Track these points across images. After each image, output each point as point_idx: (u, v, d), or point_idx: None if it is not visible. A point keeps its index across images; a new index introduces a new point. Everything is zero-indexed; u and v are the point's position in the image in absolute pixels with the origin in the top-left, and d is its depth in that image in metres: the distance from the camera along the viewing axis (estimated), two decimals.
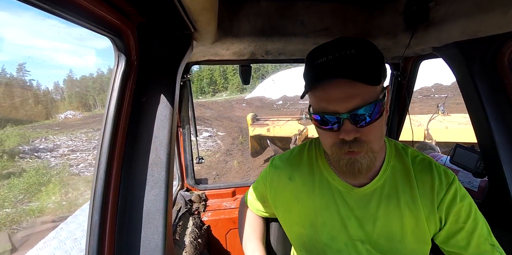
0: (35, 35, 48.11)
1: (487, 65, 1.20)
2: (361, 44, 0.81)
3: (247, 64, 1.75)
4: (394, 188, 0.94)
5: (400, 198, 0.93)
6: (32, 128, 25.68)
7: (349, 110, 0.78)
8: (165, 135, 0.90)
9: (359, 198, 0.96)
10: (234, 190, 2.25)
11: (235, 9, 1.25)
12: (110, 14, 0.76)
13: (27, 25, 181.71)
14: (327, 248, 1.01)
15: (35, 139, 21.68)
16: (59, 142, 20.09)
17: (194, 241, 1.69)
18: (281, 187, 1.09)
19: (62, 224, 5.54)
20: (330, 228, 0.99)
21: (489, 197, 1.31)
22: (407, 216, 0.92)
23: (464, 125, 6.55)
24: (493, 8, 0.89)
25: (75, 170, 13.47)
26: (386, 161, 0.97)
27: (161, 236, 0.85)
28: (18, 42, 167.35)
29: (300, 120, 8.98)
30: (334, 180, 0.99)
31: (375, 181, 0.95)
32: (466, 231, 0.91)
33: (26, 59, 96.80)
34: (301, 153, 1.11)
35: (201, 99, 54.66)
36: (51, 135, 22.63)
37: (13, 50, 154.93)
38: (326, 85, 0.78)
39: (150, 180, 0.88)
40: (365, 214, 0.95)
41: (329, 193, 0.99)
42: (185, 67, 1.81)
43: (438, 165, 0.97)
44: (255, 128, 9.34)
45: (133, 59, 0.90)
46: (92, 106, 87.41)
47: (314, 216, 1.01)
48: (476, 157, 1.38)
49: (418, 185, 0.93)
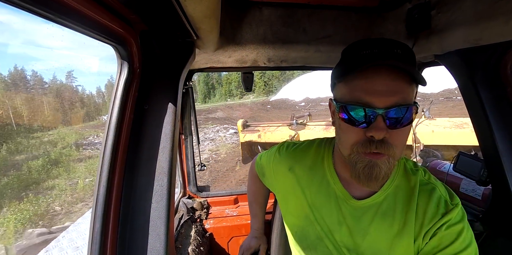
0: (79, 45, 50.56)
1: (489, 73, 1.20)
2: (405, 47, 0.78)
3: (249, 71, 1.75)
4: (392, 207, 0.90)
5: (395, 219, 0.89)
6: (81, 128, 30.62)
7: (387, 105, 0.73)
8: (167, 142, 0.90)
9: (354, 209, 0.93)
10: (236, 198, 2.24)
11: (237, 17, 1.25)
12: (113, 22, 0.76)
13: (70, 36, 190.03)
14: (319, 242, 1.01)
15: (89, 136, 29.16)
16: None
17: (196, 249, 1.68)
18: (281, 175, 1.10)
19: (64, 232, 5.52)
20: (322, 226, 0.98)
21: (493, 205, 1.29)
22: (398, 238, 0.88)
23: (449, 128, 6.73)
24: (495, 17, 0.89)
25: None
26: (391, 178, 0.92)
27: (163, 244, 0.84)
28: (66, 53, 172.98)
29: (291, 125, 8.97)
30: (335, 184, 0.97)
31: (374, 197, 0.91)
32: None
33: (73, 67, 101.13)
34: (308, 147, 1.09)
35: (230, 102, 56.81)
36: (101, 133, 27.88)
37: (61, 59, 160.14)
38: (370, 74, 0.73)
39: (152, 187, 0.87)
40: (356, 226, 0.93)
41: (326, 194, 0.98)
42: (188, 75, 1.81)
43: (443, 194, 0.90)
44: (246, 135, 9.35)
45: (136, 66, 0.90)
46: None
47: (309, 210, 1.01)
48: (480, 165, 1.37)
49: (418, 210, 0.88)
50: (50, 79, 66.73)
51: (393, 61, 0.71)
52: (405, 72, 0.72)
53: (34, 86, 48.52)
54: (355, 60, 0.77)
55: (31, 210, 10.28)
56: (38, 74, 66.49)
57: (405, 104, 0.74)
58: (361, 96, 0.75)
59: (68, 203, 11.31)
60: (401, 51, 0.76)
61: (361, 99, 0.75)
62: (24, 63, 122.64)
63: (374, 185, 0.83)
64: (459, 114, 7.97)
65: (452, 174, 1.69)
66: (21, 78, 56.32)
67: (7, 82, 44.55)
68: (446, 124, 6.94)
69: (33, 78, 60.85)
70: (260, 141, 9.20)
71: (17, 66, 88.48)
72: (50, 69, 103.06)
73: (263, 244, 1.38)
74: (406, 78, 0.73)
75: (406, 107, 0.74)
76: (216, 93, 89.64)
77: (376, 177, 0.79)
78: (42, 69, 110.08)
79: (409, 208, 0.88)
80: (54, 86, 54.35)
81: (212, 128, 22.34)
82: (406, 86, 0.74)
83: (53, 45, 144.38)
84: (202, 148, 15.65)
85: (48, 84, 59.78)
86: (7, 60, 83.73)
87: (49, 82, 62.65)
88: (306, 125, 8.85)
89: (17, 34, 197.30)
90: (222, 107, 40.23)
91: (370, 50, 0.76)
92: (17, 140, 19.45)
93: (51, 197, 12.03)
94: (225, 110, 35.65)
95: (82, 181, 13.95)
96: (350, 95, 0.78)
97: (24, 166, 16.02)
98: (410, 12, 1.22)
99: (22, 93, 33.09)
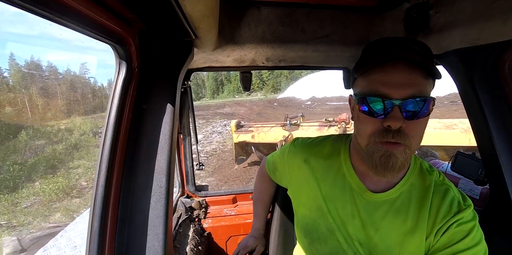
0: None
1: (487, 72, 1.20)
2: (422, 44, 0.82)
3: (248, 71, 1.75)
4: (406, 205, 0.92)
5: (409, 216, 0.91)
6: (94, 118, 30.24)
7: (403, 97, 0.76)
8: (166, 141, 0.90)
9: (368, 203, 0.95)
10: (234, 197, 2.24)
11: (236, 16, 1.25)
12: (111, 21, 0.76)
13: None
14: (330, 235, 1.02)
15: (102, 125, 26.37)
16: None
17: (194, 248, 1.68)
18: (296, 166, 1.13)
19: (62, 231, 5.50)
20: (334, 218, 1.00)
21: (491, 205, 1.30)
22: (410, 235, 0.90)
23: (438, 129, 6.75)
24: (493, 16, 0.90)
25: None
26: (407, 176, 0.94)
27: (161, 243, 0.84)
28: (79, 44, 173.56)
29: (285, 126, 8.97)
30: (351, 177, 0.99)
31: (390, 192, 0.93)
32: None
33: (86, 59, 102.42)
34: (324, 141, 1.12)
35: (238, 98, 57.97)
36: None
37: (75, 50, 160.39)
38: (387, 68, 0.77)
39: (151, 186, 0.87)
40: (369, 219, 0.95)
41: (341, 187, 1.00)
42: (186, 74, 1.81)
43: (456, 195, 0.93)
44: (240, 135, 9.24)
45: (134, 66, 0.90)
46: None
47: (322, 202, 1.02)
48: (478, 164, 1.37)
49: (431, 208, 0.90)
50: (64, 70, 68.25)
51: (410, 54, 0.76)
52: (421, 66, 0.76)
53: (49, 77, 49.35)
54: (375, 54, 0.81)
55: (64, 183, 11.25)
56: (53, 65, 68.74)
57: (421, 96, 0.77)
58: (378, 88, 0.79)
59: (92, 180, 12.14)
60: (418, 47, 0.79)
61: (378, 91, 0.78)
62: (41, 54, 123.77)
63: (390, 175, 0.84)
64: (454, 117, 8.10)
65: (450, 173, 1.69)
66: (37, 68, 57.26)
67: (23, 72, 45.13)
68: (436, 125, 6.96)
69: (48, 68, 62.48)
70: (254, 141, 9.12)
71: (33, 56, 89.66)
72: (63, 60, 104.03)
73: (260, 246, 1.39)
74: (423, 72, 0.77)
75: (423, 100, 0.77)
76: (225, 90, 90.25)
77: (393, 166, 0.81)
78: (56, 60, 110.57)
79: (423, 207, 0.91)
80: (68, 77, 55.05)
81: (220, 122, 23.21)
82: (422, 79, 0.77)
83: (68, 37, 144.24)
84: (210, 140, 15.97)
85: (62, 74, 60.83)
86: (23, 51, 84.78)
87: (63, 73, 63.91)
88: (300, 126, 8.84)
89: (32, 26, 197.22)
90: (230, 103, 41.78)
91: (389, 47, 0.80)
92: (35, 127, 19.97)
93: (77, 174, 12.94)
94: (233, 106, 36.55)
95: None
96: (368, 87, 0.82)
97: (48, 149, 16.72)
98: (408, 11, 1.22)
99: (37, 83, 33.41)
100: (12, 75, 44.61)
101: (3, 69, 59.74)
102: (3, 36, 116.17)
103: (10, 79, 39.11)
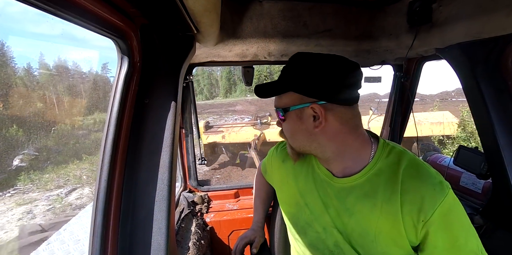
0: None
1: (490, 66, 1.19)
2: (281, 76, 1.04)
3: (250, 66, 1.75)
4: (373, 189, 0.93)
5: (377, 200, 0.91)
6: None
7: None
8: (168, 136, 0.90)
9: (338, 191, 0.99)
10: (236, 191, 2.24)
11: (238, 11, 1.25)
12: (113, 16, 0.76)
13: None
14: (308, 227, 1.10)
15: None
16: None
17: (197, 243, 1.69)
18: (277, 167, 1.26)
19: (65, 225, 5.55)
20: (311, 210, 1.07)
21: (493, 198, 1.30)
22: (383, 219, 0.90)
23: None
24: (496, 10, 0.89)
25: None
26: (373, 161, 0.96)
27: (164, 237, 0.85)
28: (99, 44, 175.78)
29: (255, 125, 8.94)
30: (319, 168, 1.06)
31: (354, 178, 0.96)
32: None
33: (108, 59, 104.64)
34: None
35: (249, 97, 61.17)
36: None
37: (101, 51, 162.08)
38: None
39: (153, 181, 0.88)
40: (342, 206, 0.98)
41: (313, 179, 1.07)
42: (188, 69, 1.81)
43: (432, 175, 0.91)
44: (209, 136, 9.01)
45: (136, 60, 0.90)
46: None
47: (299, 197, 1.11)
48: (480, 158, 1.37)
49: (402, 191, 0.89)
50: (88, 70, 70.58)
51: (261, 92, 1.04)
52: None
53: (73, 75, 50.88)
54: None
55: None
56: (77, 64, 72.19)
57: (278, 107, 1.01)
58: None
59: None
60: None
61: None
62: (66, 54, 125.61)
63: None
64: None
65: (452, 168, 1.69)
66: (64, 67, 59.45)
67: (52, 71, 46.42)
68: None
69: (74, 68, 65.20)
70: (225, 142, 9.00)
71: (60, 57, 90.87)
72: (85, 60, 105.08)
73: (258, 237, 1.41)
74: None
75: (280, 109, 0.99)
76: (237, 89, 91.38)
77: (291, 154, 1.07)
78: (79, 59, 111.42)
79: (393, 190, 0.90)
80: (91, 76, 56.73)
81: (231, 117, 26.67)
82: (277, 97, 1.02)
83: (88, 37, 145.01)
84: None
85: (86, 74, 62.98)
86: (50, 50, 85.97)
87: (87, 72, 66.42)
88: (270, 125, 8.90)
89: (54, 26, 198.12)
90: (241, 101, 46.35)
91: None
92: (65, 121, 21.15)
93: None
94: (244, 104, 40.48)
95: None
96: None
97: (82, 139, 18.56)
98: (411, 5, 1.22)
99: (64, 81, 34.17)
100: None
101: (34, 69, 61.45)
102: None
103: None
